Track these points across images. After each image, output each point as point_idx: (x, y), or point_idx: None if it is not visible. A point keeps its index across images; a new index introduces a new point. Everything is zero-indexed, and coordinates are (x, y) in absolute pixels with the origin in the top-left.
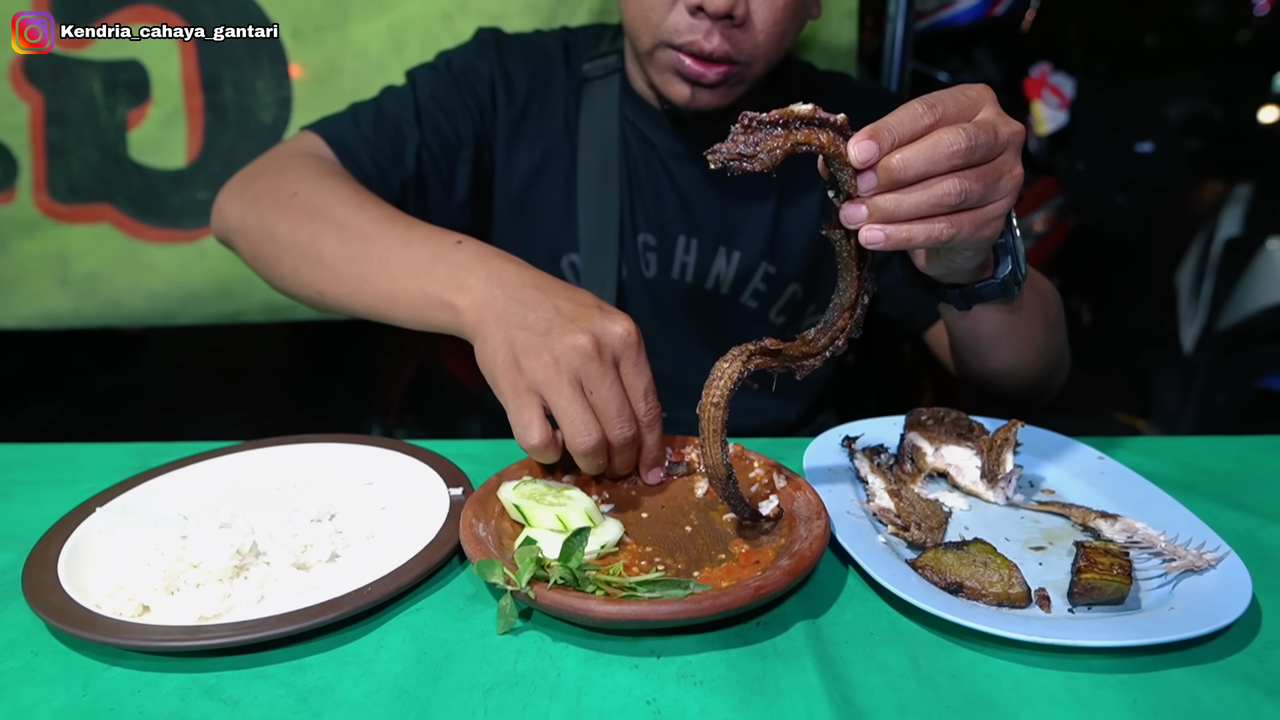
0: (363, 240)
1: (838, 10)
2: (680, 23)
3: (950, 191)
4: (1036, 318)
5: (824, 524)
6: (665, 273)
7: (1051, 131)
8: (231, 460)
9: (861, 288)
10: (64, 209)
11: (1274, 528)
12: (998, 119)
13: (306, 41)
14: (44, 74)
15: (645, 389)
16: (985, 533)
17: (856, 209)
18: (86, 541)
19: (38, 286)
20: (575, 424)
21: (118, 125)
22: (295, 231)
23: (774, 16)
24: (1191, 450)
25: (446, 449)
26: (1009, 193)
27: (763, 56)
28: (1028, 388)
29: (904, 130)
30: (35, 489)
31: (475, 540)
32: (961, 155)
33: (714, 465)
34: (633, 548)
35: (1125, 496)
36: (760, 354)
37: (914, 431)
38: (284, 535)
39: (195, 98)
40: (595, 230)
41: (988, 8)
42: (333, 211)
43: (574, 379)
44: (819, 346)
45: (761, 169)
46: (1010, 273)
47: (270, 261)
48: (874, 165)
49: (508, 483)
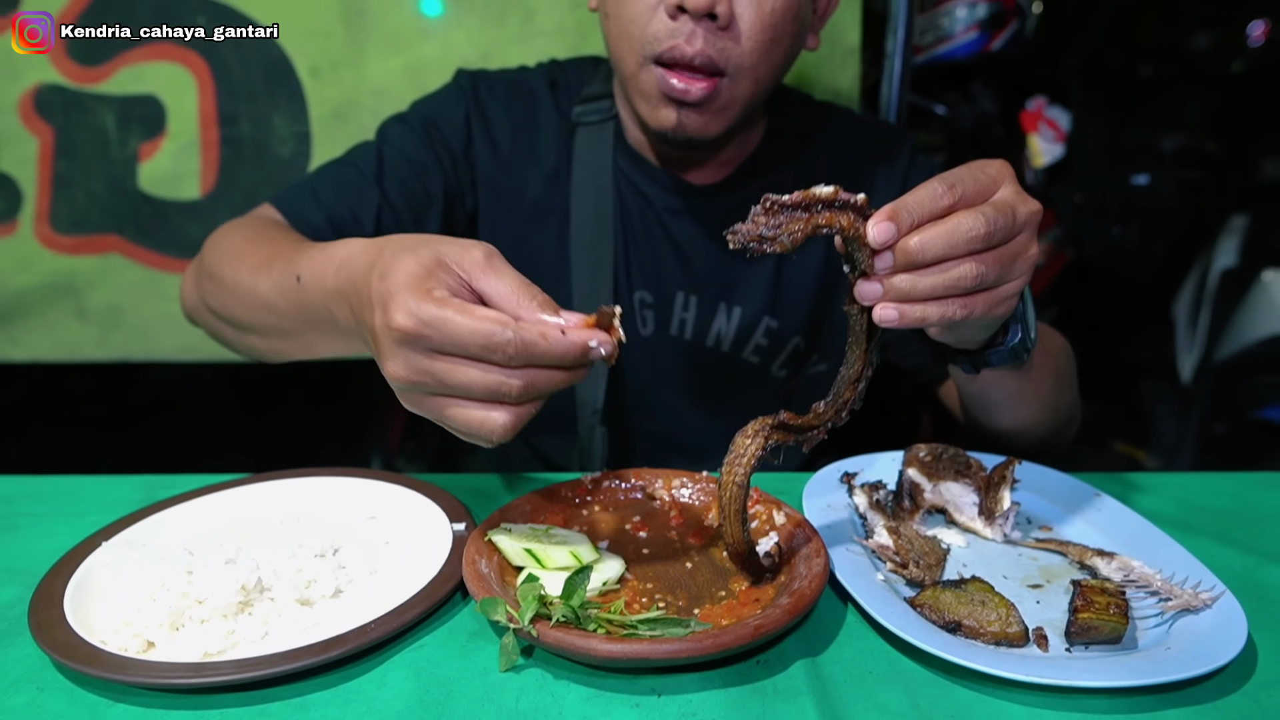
0: (250, 295)
1: (840, 47)
2: (661, 29)
3: (967, 275)
4: (1046, 379)
5: (823, 562)
6: (663, 330)
7: (1048, 164)
8: (236, 494)
9: (867, 361)
10: (66, 240)
11: (1270, 566)
12: (1016, 199)
13: (324, 79)
14: (56, 107)
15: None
16: (983, 570)
17: (873, 286)
18: (92, 576)
19: (50, 319)
20: (474, 430)
21: (128, 157)
22: (215, 299)
23: (761, 21)
24: (1188, 487)
25: (449, 482)
26: (1024, 272)
27: (750, 70)
28: (1038, 443)
29: (923, 211)
30: (41, 521)
31: (478, 577)
32: (980, 240)
33: (736, 541)
34: (634, 584)
35: (1122, 534)
36: (779, 429)
37: (912, 468)
38: (288, 570)
39: (211, 132)
40: (589, 287)
41: (984, 43)
42: (222, 273)
43: (432, 400)
44: (825, 418)
45: (781, 250)
46: (1020, 340)
47: (218, 333)
48: (892, 245)
49: (496, 534)
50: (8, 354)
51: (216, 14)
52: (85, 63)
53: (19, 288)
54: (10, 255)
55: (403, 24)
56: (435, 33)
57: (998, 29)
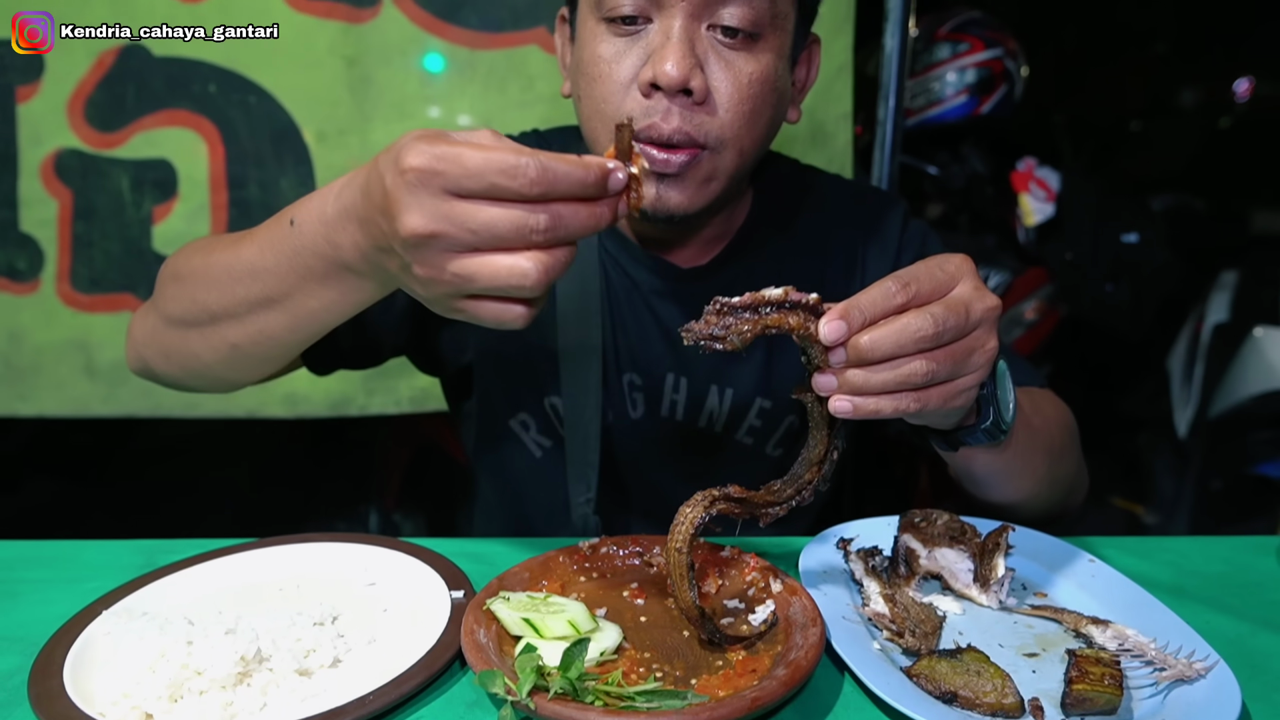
0: (227, 273)
1: (833, 113)
2: (636, 108)
3: (917, 371)
4: (1036, 452)
5: (819, 631)
6: (654, 413)
7: (1040, 223)
8: (236, 560)
9: (831, 444)
10: (85, 299)
11: (1263, 633)
12: (972, 295)
13: (330, 144)
14: (75, 171)
15: (499, 171)
16: (979, 638)
17: (827, 380)
18: (92, 645)
19: (60, 375)
20: (501, 279)
21: (143, 219)
22: (180, 305)
23: (738, 94)
24: (1182, 551)
25: (447, 547)
26: (981, 367)
27: (732, 142)
28: (1038, 514)
29: (875, 310)
30: (41, 587)
31: (476, 647)
32: (929, 339)
33: (686, 607)
34: (631, 653)
35: (1116, 600)
36: (724, 500)
37: (907, 533)
38: (287, 640)
39: (220, 194)
40: (577, 371)
41: (974, 107)
42: (192, 268)
43: (454, 259)
44: (784, 496)
45: (731, 349)
46: (993, 422)
47: (180, 350)
48: (844, 343)
49: (494, 602)
50: (14, 409)
51: (227, 82)
52: (103, 129)
53: (38, 344)
54: (34, 313)
55: (408, 91)
56: (439, 99)
57: (987, 93)
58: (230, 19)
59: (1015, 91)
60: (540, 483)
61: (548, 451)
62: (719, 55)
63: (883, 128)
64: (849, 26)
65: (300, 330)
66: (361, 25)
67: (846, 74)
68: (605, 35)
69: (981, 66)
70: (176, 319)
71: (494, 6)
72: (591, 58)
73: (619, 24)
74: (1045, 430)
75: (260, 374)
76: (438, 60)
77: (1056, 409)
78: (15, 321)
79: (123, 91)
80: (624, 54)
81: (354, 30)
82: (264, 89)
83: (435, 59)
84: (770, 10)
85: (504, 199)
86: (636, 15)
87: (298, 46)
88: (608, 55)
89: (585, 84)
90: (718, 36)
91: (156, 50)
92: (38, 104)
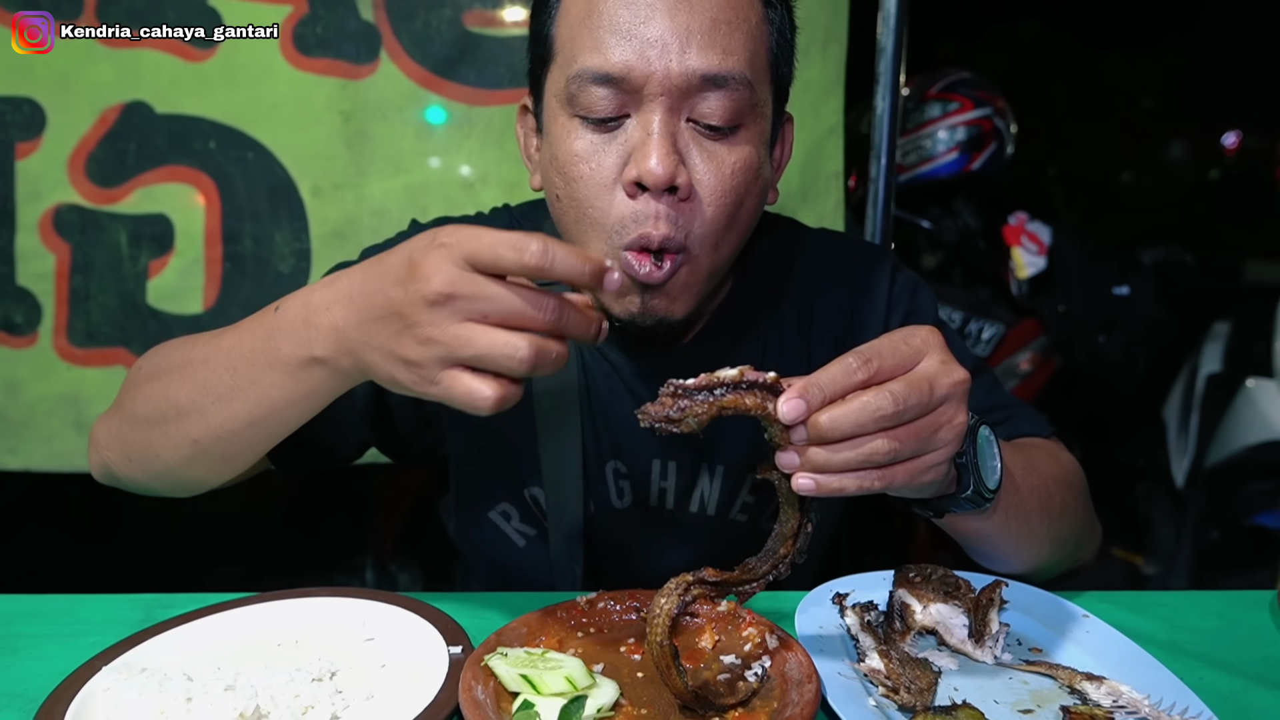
0: (206, 365)
1: (824, 172)
2: (625, 213)
3: (880, 450)
4: (1031, 514)
5: (815, 688)
6: (642, 502)
7: (1032, 276)
8: (235, 615)
9: (804, 519)
10: (80, 353)
11: (1257, 689)
12: (938, 370)
13: (325, 199)
14: (74, 226)
15: (516, 252)
16: (974, 694)
17: (790, 457)
18: (91, 703)
19: (50, 429)
20: (496, 354)
21: (139, 273)
22: (149, 402)
23: (722, 186)
24: (1176, 606)
25: (446, 602)
26: (948, 443)
27: (710, 239)
28: (1040, 572)
29: (834, 388)
30: (40, 643)
31: (474, 704)
32: (889, 419)
33: (680, 693)
34: (628, 709)
35: (1110, 657)
36: (699, 584)
37: (902, 589)
38: (285, 696)
39: (215, 249)
40: (556, 462)
41: (965, 164)
42: (170, 363)
43: (458, 324)
44: (760, 573)
45: (687, 431)
46: (974, 490)
47: (143, 449)
48: (804, 420)
49: (492, 658)
50: (4, 462)
51: (227, 138)
52: (103, 184)
53: (32, 398)
54: (30, 366)
55: (404, 147)
56: (435, 155)
57: (977, 150)
58: (232, 78)
59: (1005, 148)
60: (525, 571)
61: (532, 540)
62: (700, 147)
63: (875, 185)
64: (839, 89)
65: (259, 425)
66: (359, 81)
67: (837, 135)
68: (580, 131)
69: (971, 125)
70: (142, 417)
71: (492, 64)
72: (568, 156)
73: (595, 122)
74: (1042, 490)
75: (221, 475)
76: (436, 114)
77: (1057, 464)
78: (13, 374)
79: (125, 148)
80: (602, 151)
81: (351, 86)
82: (262, 144)
83: (433, 113)
84: (750, 99)
85: (510, 272)
86: (614, 115)
87: (296, 103)
88: (585, 153)
89: (563, 184)
90: (698, 128)
91: (159, 107)
92: (37, 160)
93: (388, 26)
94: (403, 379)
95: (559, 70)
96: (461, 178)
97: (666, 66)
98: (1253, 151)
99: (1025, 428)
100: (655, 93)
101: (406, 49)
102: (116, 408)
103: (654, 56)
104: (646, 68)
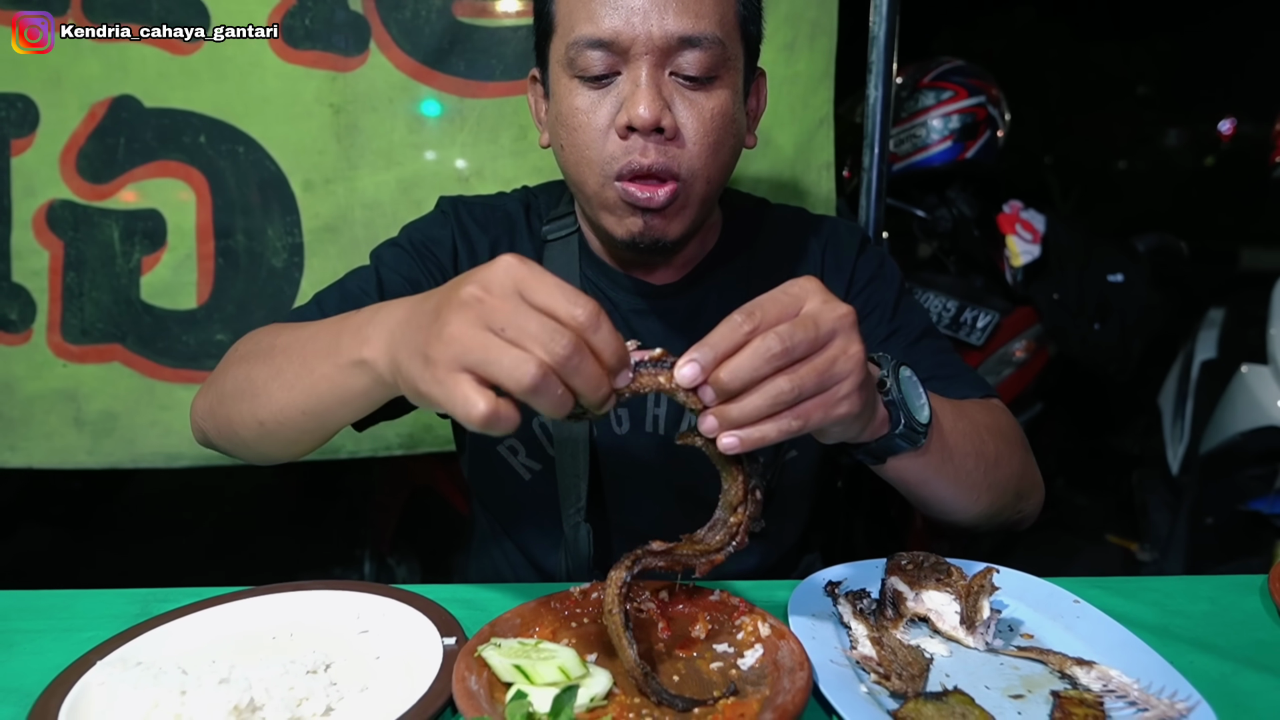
0: (284, 353)
1: (815, 163)
2: (616, 149)
3: (784, 390)
4: (966, 458)
5: (806, 675)
6: (639, 428)
7: (1026, 264)
8: (229, 609)
9: (749, 484)
10: (75, 349)
11: (1246, 672)
12: (822, 309)
13: (317, 193)
14: (67, 223)
15: (562, 296)
16: (965, 680)
17: (709, 421)
18: (86, 696)
19: (49, 426)
20: (504, 365)
21: (132, 270)
22: (234, 381)
23: (703, 128)
24: (1167, 591)
25: (440, 594)
26: (850, 372)
27: (701, 172)
28: (984, 522)
29: (724, 344)
30: (36, 638)
31: (468, 695)
32: (780, 356)
33: (630, 667)
34: (621, 698)
35: (1100, 642)
36: (646, 556)
37: (894, 576)
38: (280, 688)
39: (207, 244)
40: None
41: (959, 152)
42: (260, 347)
43: (480, 330)
44: (715, 544)
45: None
46: (905, 426)
47: (225, 424)
48: (704, 382)
49: (486, 649)
50: (4, 460)
51: (217, 132)
52: (94, 180)
53: (29, 394)
54: (25, 363)
55: (395, 140)
56: (428, 147)
57: (971, 139)
58: (220, 71)
59: (999, 137)
60: (531, 505)
61: (536, 475)
62: (683, 96)
63: (868, 174)
64: (828, 81)
65: (311, 416)
66: (349, 74)
67: (827, 126)
68: (579, 89)
69: (965, 113)
70: (226, 394)
71: (483, 56)
72: (569, 110)
73: (591, 80)
74: (974, 435)
75: (292, 453)
76: (428, 107)
77: (990, 416)
78: (8, 372)
79: (114, 143)
80: (599, 104)
81: (341, 78)
82: (252, 138)
83: (425, 106)
84: (722, 54)
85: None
86: (607, 72)
87: (285, 96)
88: (584, 107)
89: (566, 134)
90: (680, 81)
91: (147, 101)
92: (31, 156)
93: (376, 17)
94: (416, 375)
95: (560, 40)
96: (455, 170)
97: (649, 30)
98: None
99: (962, 390)
100: (640, 52)
101: (396, 40)
102: (211, 382)
103: (638, 22)
104: (632, 32)
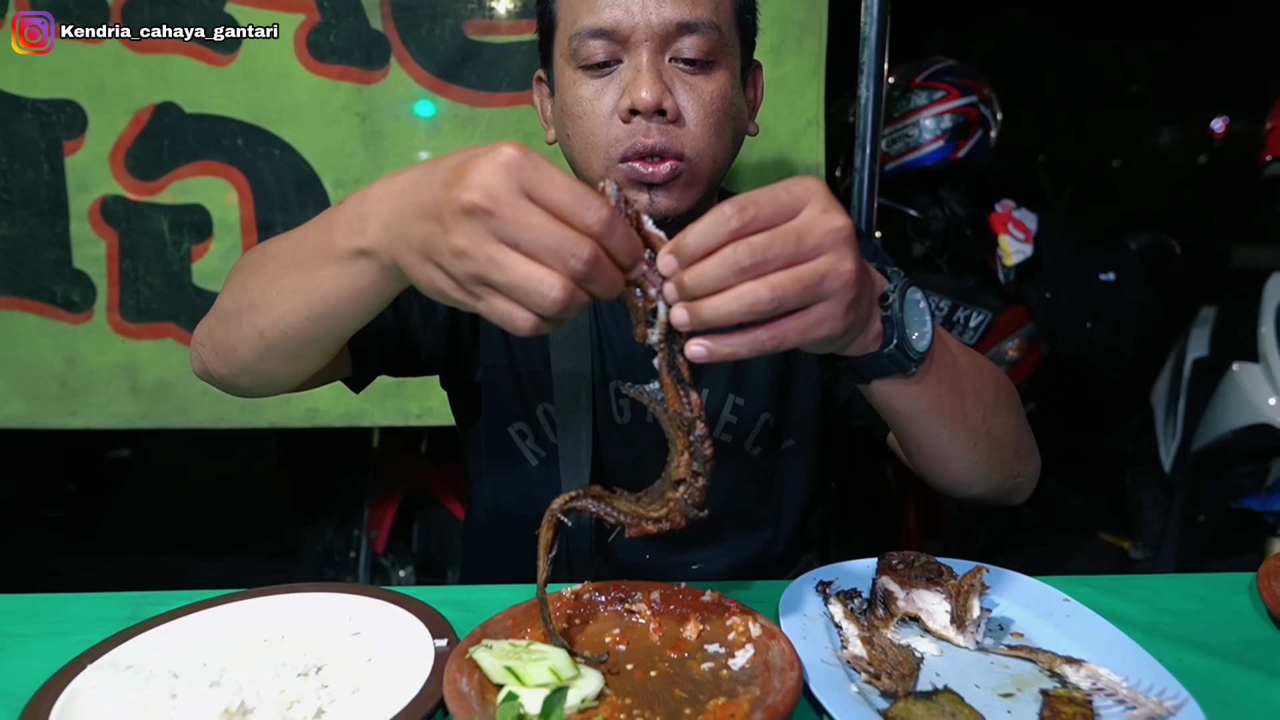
0: (276, 258)
1: (805, 164)
2: (620, 132)
3: (762, 298)
4: (965, 395)
5: (797, 675)
6: (640, 418)
7: (1018, 263)
8: (220, 612)
9: (692, 465)
10: (133, 327)
11: (1234, 670)
12: (815, 219)
13: (347, 190)
14: (119, 216)
15: (573, 198)
16: (955, 679)
17: (679, 312)
18: (77, 700)
19: (109, 395)
20: (528, 286)
21: (183, 257)
22: (230, 297)
23: (704, 110)
24: (1156, 589)
25: (431, 595)
26: (837, 292)
27: (706, 151)
28: (981, 482)
29: (706, 239)
30: (26, 642)
31: (458, 696)
32: (748, 271)
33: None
34: (612, 699)
35: (1089, 640)
36: (584, 496)
37: (885, 575)
38: (271, 691)
39: (251, 236)
40: (568, 379)
41: (951, 152)
42: (252, 260)
43: (493, 243)
44: (650, 513)
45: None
46: (896, 346)
47: (224, 343)
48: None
49: (477, 650)
50: (66, 422)
51: (253, 136)
52: (142, 178)
53: (91, 367)
54: (88, 340)
55: (415, 144)
56: (444, 151)
57: (963, 138)
58: (253, 81)
59: (991, 136)
60: (536, 490)
61: (543, 461)
62: (682, 80)
63: (860, 174)
64: (817, 82)
65: (314, 320)
66: (372, 85)
67: (817, 127)
68: (583, 79)
69: (957, 113)
70: (225, 311)
71: (491, 69)
72: (574, 100)
73: (594, 69)
74: (977, 375)
75: (294, 373)
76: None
77: (988, 366)
78: (72, 347)
79: (159, 144)
80: (602, 92)
81: (365, 90)
82: (286, 142)
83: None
84: (719, 40)
85: (563, 219)
86: (608, 60)
87: (315, 104)
88: (588, 95)
89: (571, 123)
90: (679, 66)
91: (188, 107)
92: (83, 156)
93: (396, 35)
94: (442, 286)
95: (562, 33)
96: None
97: (648, 18)
98: (1240, 136)
99: None
100: (641, 39)
101: (414, 55)
102: (211, 310)
103: (637, 11)
104: (632, 20)
